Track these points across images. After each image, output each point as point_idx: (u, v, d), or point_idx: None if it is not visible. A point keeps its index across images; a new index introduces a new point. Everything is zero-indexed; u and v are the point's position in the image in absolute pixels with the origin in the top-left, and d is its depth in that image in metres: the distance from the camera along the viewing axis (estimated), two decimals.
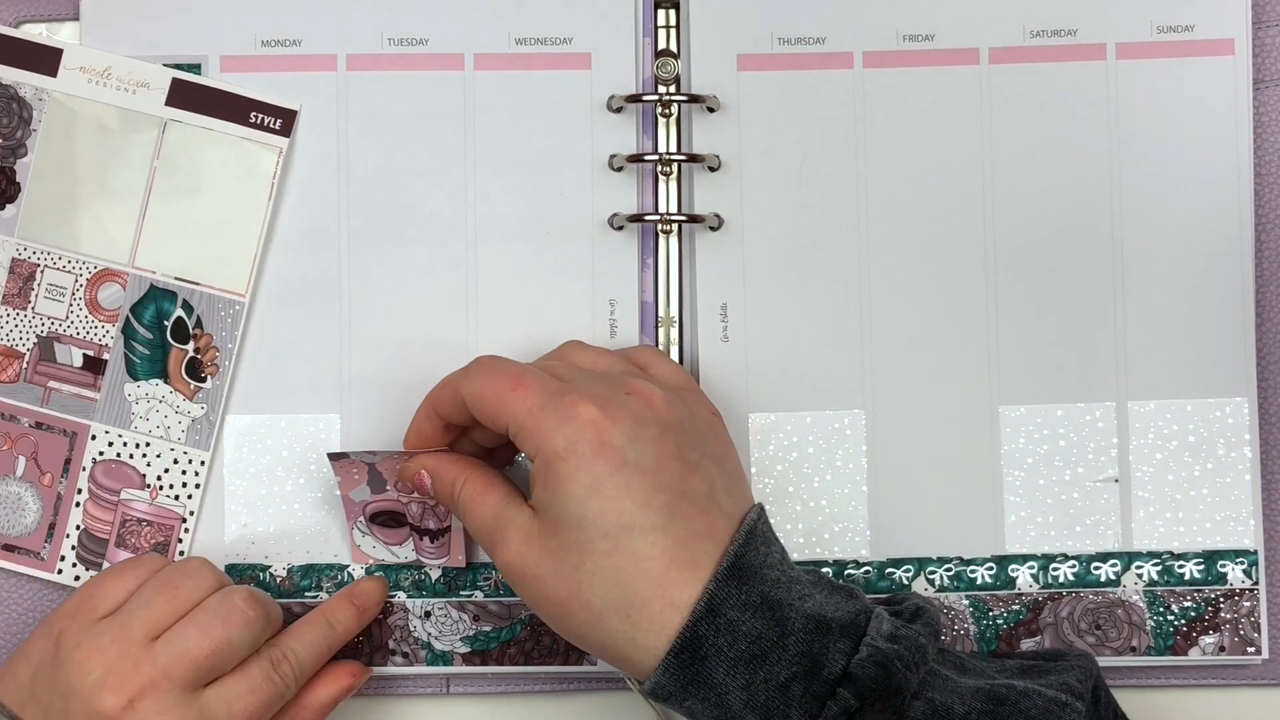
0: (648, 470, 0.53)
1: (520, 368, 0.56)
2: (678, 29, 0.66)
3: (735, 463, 0.58)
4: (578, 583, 0.53)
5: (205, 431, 0.65)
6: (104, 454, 0.65)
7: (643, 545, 0.53)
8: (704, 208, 0.65)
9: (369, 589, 0.64)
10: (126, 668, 0.58)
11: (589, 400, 0.54)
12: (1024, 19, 0.65)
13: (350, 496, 0.63)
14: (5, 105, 0.65)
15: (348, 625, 0.63)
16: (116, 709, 0.57)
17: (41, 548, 0.65)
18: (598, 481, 0.53)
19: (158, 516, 0.65)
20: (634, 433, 0.54)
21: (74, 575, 0.65)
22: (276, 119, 0.65)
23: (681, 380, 0.60)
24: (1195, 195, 0.65)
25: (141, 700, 0.57)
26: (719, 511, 0.55)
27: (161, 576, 0.61)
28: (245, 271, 0.65)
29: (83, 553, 0.65)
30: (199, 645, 0.58)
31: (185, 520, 0.65)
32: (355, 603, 0.63)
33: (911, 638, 0.53)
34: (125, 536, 0.65)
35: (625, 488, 0.53)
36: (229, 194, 0.65)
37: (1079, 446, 0.65)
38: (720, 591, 0.53)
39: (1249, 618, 0.64)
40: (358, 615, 0.63)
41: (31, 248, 0.65)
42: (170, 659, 0.58)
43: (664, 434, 0.54)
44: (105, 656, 0.58)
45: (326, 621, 0.62)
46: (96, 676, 0.57)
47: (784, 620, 0.53)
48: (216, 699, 0.59)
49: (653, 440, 0.54)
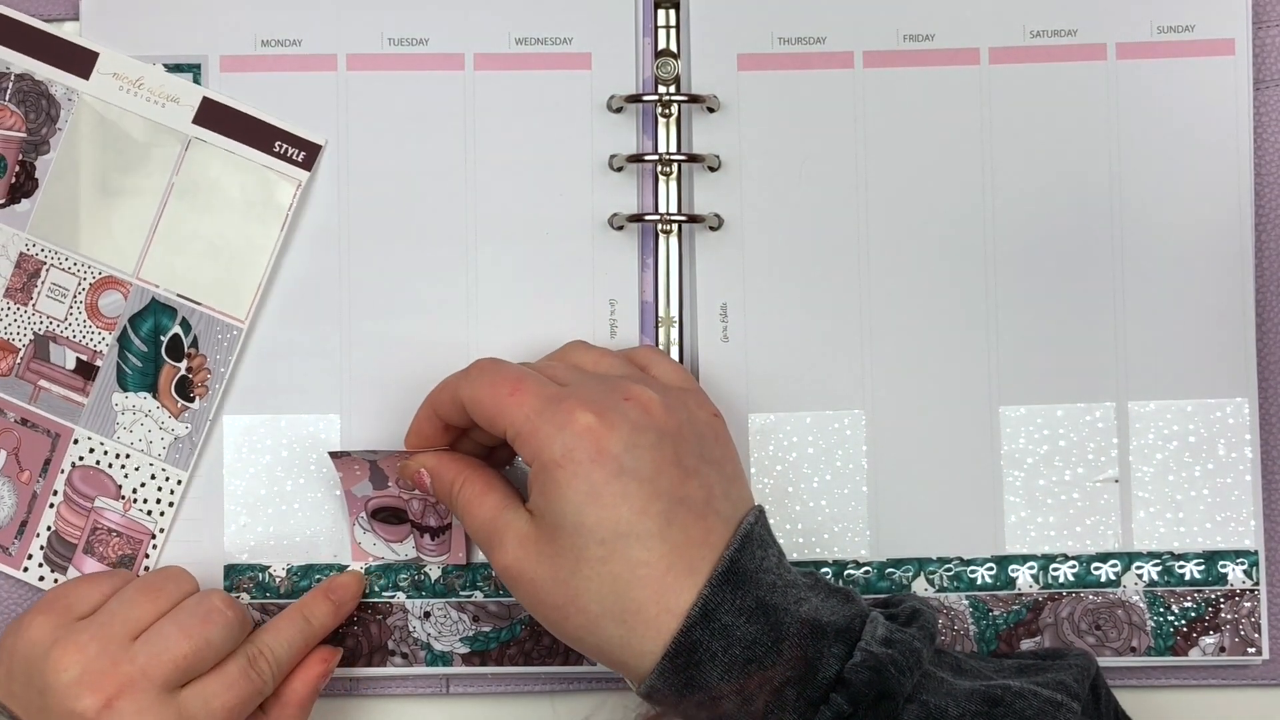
0: (645, 478, 0.53)
1: (519, 371, 0.56)
2: (678, 29, 0.66)
3: (735, 465, 0.58)
4: (574, 588, 0.53)
5: (186, 451, 0.65)
6: (84, 459, 0.65)
7: (639, 552, 0.53)
8: (704, 208, 0.65)
9: (345, 583, 0.64)
10: (104, 666, 0.57)
11: (586, 407, 0.54)
12: (1024, 19, 0.65)
13: (352, 491, 0.63)
14: (35, 101, 0.65)
15: (324, 620, 0.63)
16: (94, 708, 0.57)
17: (11, 543, 0.65)
18: (595, 489, 0.53)
19: (128, 529, 0.65)
20: (631, 440, 0.54)
21: (39, 575, 0.65)
22: (300, 151, 0.65)
23: (683, 381, 0.60)
24: (1195, 195, 0.65)
25: (119, 699, 0.57)
26: (716, 517, 0.55)
27: (144, 580, 0.62)
28: (248, 298, 0.65)
29: (50, 554, 0.65)
30: (178, 645, 0.58)
31: (155, 537, 0.65)
32: (331, 597, 0.63)
33: (906, 642, 0.53)
34: (94, 544, 0.65)
35: (622, 495, 0.53)
36: (242, 220, 0.65)
37: (1079, 446, 0.65)
38: (715, 597, 0.53)
39: (1249, 618, 0.64)
40: (334, 610, 0.63)
41: (40, 245, 0.65)
42: (149, 658, 0.58)
43: (661, 441, 0.54)
44: (84, 654, 0.58)
45: (303, 617, 0.62)
46: (74, 674, 0.57)
47: (779, 625, 0.53)
48: (194, 698, 0.58)
49: (650, 447, 0.54)
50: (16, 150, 0.65)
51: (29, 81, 0.65)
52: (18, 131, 0.65)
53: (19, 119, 0.65)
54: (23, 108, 0.65)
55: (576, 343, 0.62)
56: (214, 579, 0.65)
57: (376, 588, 0.65)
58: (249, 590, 0.65)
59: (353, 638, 0.65)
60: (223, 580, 0.65)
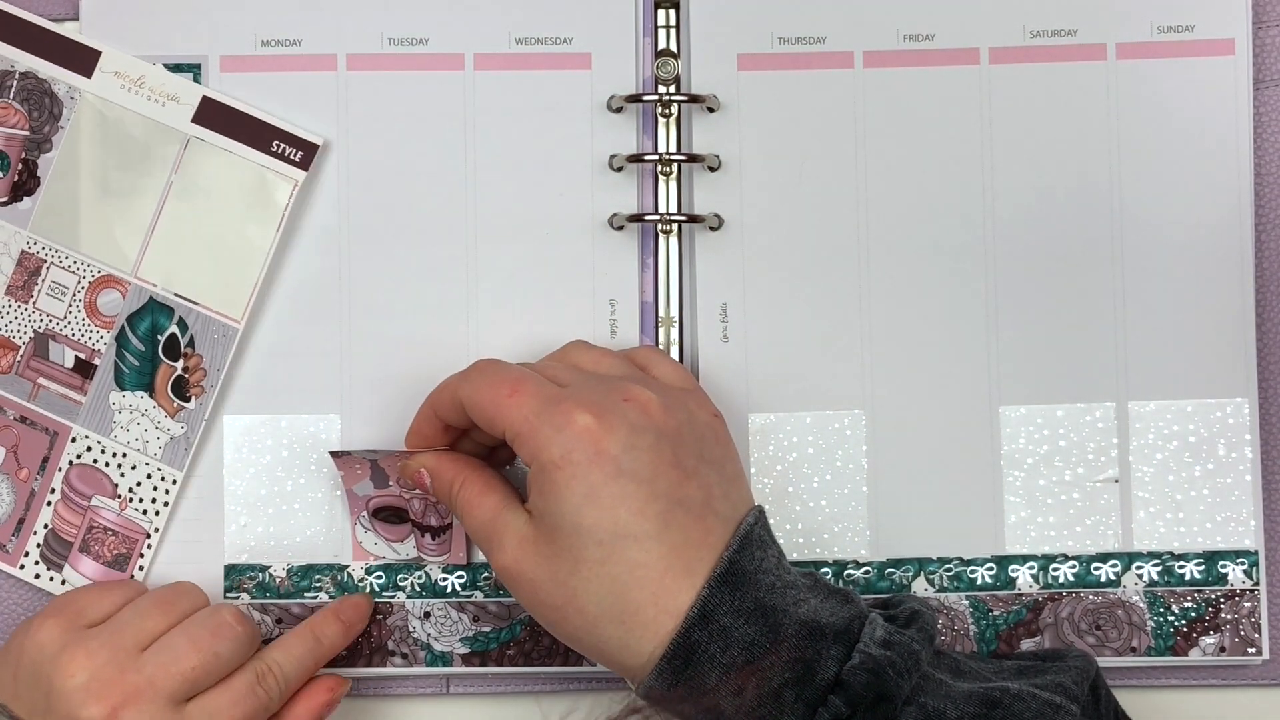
0: (643, 479, 0.53)
1: (518, 372, 0.56)
2: (678, 29, 0.66)
3: (735, 465, 0.58)
4: (572, 588, 0.54)
5: (181, 451, 0.65)
6: (81, 458, 0.65)
7: (637, 554, 0.53)
8: (704, 208, 0.65)
9: (356, 604, 0.64)
10: (112, 674, 0.57)
11: (585, 408, 0.54)
12: (1024, 19, 0.65)
13: (353, 490, 0.63)
14: (39, 99, 0.65)
15: (334, 640, 0.63)
16: (99, 716, 0.56)
17: (9, 540, 0.65)
18: (593, 490, 0.53)
19: (123, 528, 0.65)
20: (630, 441, 0.54)
21: (34, 573, 0.65)
22: (298, 151, 0.65)
23: (683, 381, 0.60)
24: (1195, 195, 0.65)
25: (125, 709, 0.57)
26: (715, 518, 0.55)
27: (157, 592, 0.62)
28: (244, 297, 0.65)
29: (47, 552, 0.65)
30: (187, 657, 0.58)
31: (150, 536, 0.65)
32: (342, 618, 0.63)
33: (905, 644, 0.53)
34: (90, 543, 0.65)
35: (620, 497, 0.53)
36: (240, 219, 0.65)
37: (1079, 447, 0.65)
38: (713, 598, 0.53)
39: (1249, 618, 0.64)
40: (344, 631, 0.63)
41: (41, 243, 0.65)
42: (157, 669, 0.58)
43: (660, 442, 0.54)
44: (93, 661, 0.57)
45: (314, 636, 0.62)
46: (81, 680, 0.57)
47: (777, 626, 0.53)
48: (200, 712, 0.58)
49: (649, 448, 0.54)
50: (19, 148, 0.65)
51: (32, 80, 0.65)
52: (21, 129, 0.65)
53: (22, 117, 0.65)
54: (26, 106, 0.65)
55: (577, 343, 0.61)
56: (214, 579, 0.65)
57: (377, 587, 0.65)
58: (249, 590, 0.65)
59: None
60: (223, 580, 0.65)
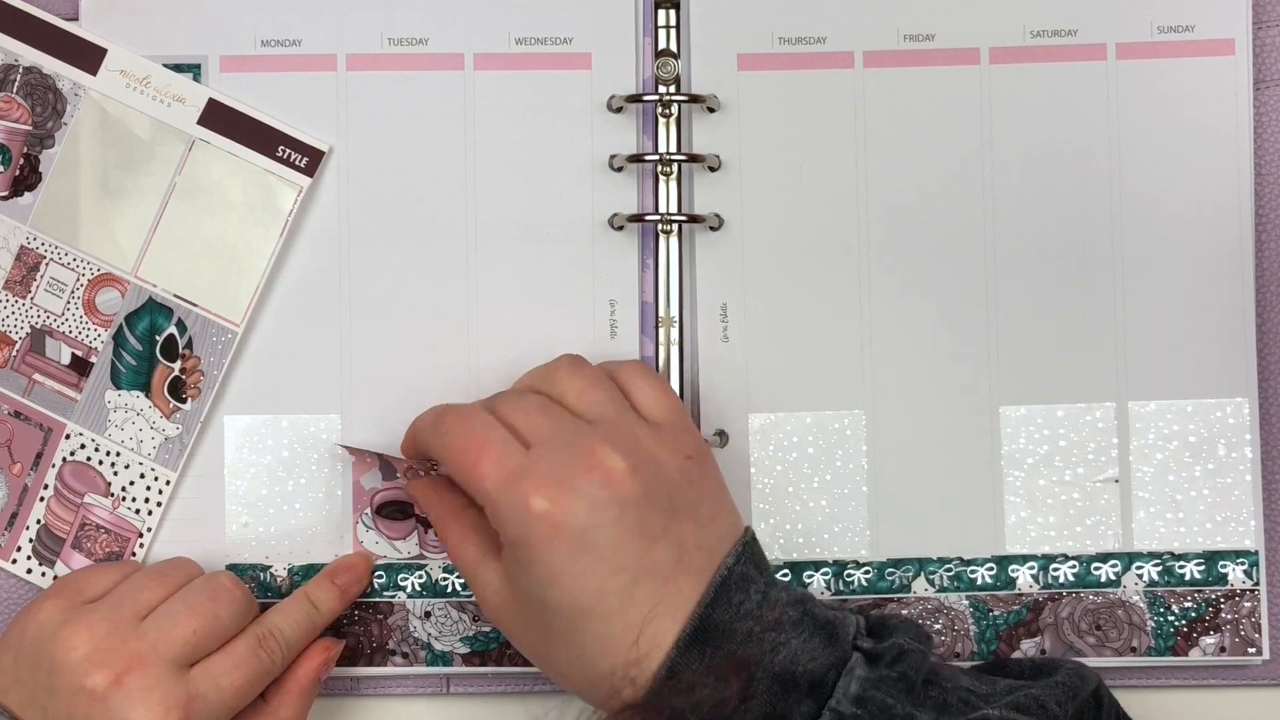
0: (604, 555, 0.53)
1: (483, 435, 0.55)
2: (678, 29, 0.66)
3: (714, 501, 0.57)
4: (547, 650, 0.56)
5: (176, 452, 0.65)
6: (75, 455, 0.65)
7: (601, 628, 0.53)
8: (704, 208, 0.65)
9: (351, 564, 0.64)
10: (114, 643, 0.57)
11: (542, 490, 0.53)
12: (1024, 19, 0.65)
13: (360, 482, 0.64)
14: (42, 95, 0.65)
15: (331, 605, 0.63)
16: (103, 684, 0.56)
17: (1, 534, 0.65)
18: (553, 572, 0.53)
19: (116, 526, 0.65)
20: (589, 520, 0.53)
21: (26, 568, 0.65)
22: (303, 156, 0.65)
23: (664, 412, 0.58)
24: (1195, 195, 0.65)
25: (128, 675, 0.57)
26: (687, 575, 0.54)
27: (153, 567, 0.62)
28: (244, 301, 0.65)
29: (39, 547, 0.65)
30: (187, 621, 0.59)
31: (142, 535, 0.65)
32: (337, 582, 0.63)
33: (878, 700, 0.52)
34: (82, 540, 0.65)
35: (581, 576, 0.53)
36: (243, 223, 0.65)
37: (1079, 447, 0.65)
38: (682, 659, 0.52)
39: (1250, 618, 0.64)
40: (340, 595, 0.63)
41: (41, 239, 0.65)
42: (158, 634, 0.58)
43: (623, 514, 0.53)
44: (94, 632, 0.58)
45: (309, 601, 0.62)
46: (83, 652, 0.57)
47: (749, 681, 0.52)
48: (204, 675, 0.58)
49: (611, 524, 0.53)
50: (21, 143, 0.65)
51: (37, 74, 0.65)
52: (23, 124, 0.65)
53: (25, 111, 0.65)
54: (29, 100, 0.65)
55: (567, 365, 0.59)
56: None
57: (377, 586, 0.65)
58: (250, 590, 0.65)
59: (353, 637, 0.65)
60: None
